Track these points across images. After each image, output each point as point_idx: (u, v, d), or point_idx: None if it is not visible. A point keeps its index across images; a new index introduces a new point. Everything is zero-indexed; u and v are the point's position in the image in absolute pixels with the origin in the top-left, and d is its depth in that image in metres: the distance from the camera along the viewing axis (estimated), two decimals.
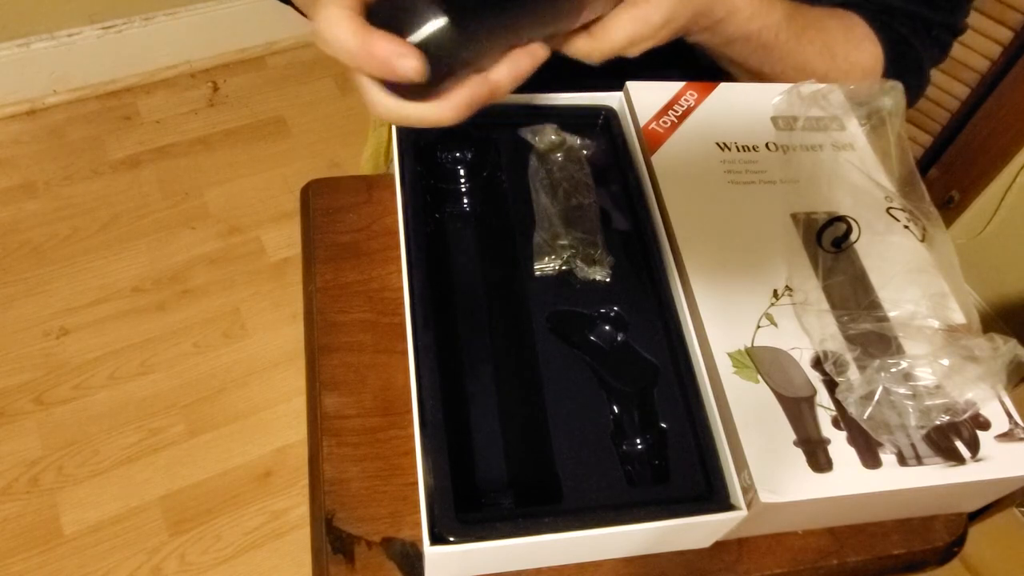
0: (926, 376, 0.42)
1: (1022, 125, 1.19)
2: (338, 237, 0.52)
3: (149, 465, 1.19)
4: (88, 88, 1.58)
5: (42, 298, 1.33)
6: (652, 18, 0.43)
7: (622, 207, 0.50)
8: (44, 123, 1.55)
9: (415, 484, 0.40)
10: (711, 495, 0.39)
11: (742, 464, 0.39)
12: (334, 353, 0.47)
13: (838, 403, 0.42)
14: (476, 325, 0.47)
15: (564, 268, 0.47)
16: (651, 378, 0.43)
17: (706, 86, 0.54)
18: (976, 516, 0.47)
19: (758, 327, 0.44)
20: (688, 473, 0.41)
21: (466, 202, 0.51)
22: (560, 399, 0.42)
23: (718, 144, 0.52)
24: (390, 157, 0.69)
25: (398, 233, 0.47)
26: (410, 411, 0.40)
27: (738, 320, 0.44)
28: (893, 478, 0.40)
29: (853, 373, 0.42)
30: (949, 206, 1.31)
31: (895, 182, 0.51)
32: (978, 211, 1.29)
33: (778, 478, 0.39)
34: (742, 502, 0.39)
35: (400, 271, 0.47)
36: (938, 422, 0.41)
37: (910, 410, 0.41)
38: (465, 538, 0.36)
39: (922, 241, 0.48)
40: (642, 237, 0.48)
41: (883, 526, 0.45)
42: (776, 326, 0.44)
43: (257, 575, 1.12)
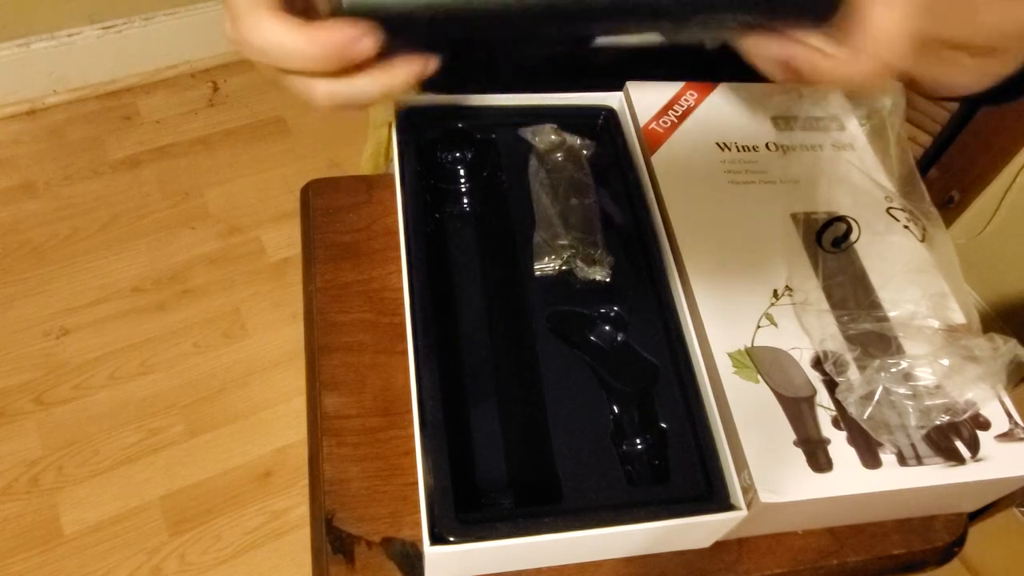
0: (926, 376, 0.42)
1: (1022, 125, 1.19)
2: (338, 237, 0.52)
3: (149, 465, 1.19)
4: (88, 88, 1.58)
5: (42, 298, 1.33)
6: None
7: (622, 207, 0.50)
8: (44, 123, 1.55)
9: (415, 484, 0.40)
10: (711, 495, 0.39)
11: (742, 464, 0.39)
12: (334, 353, 0.47)
13: (838, 403, 0.42)
14: (476, 325, 0.47)
15: (564, 268, 0.47)
16: (651, 378, 0.43)
17: (706, 86, 0.54)
18: (976, 516, 0.47)
19: (758, 327, 0.44)
20: (688, 473, 0.41)
21: (466, 202, 0.51)
22: (560, 399, 0.42)
23: (718, 144, 0.52)
24: (390, 157, 0.69)
25: (398, 233, 0.47)
26: (410, 411, 0.40)
27: (738, 320, 0.44)
28: (893, 478, 0.40)
29: (853, 373, 0.42)
30: (949, 206, 1.31)
31: (895, 182, 0.51)
32: (978, 211, 1.29)
33: (778, 478, 0.39)
34: (742, 502, 0.39)
35: (400, 271, 0.47)
36: (938, 422, 0.41)
37: (910, 410, 0.41)
38: (465, 538, 0.36)
39: (922, 241, 0.48)
40: (642, 237, 0.48)
41: (883, 526, 0.45)
42: (776, 326, 0.44)
43: (257, 575, 1.13)
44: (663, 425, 0.42)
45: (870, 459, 0.40)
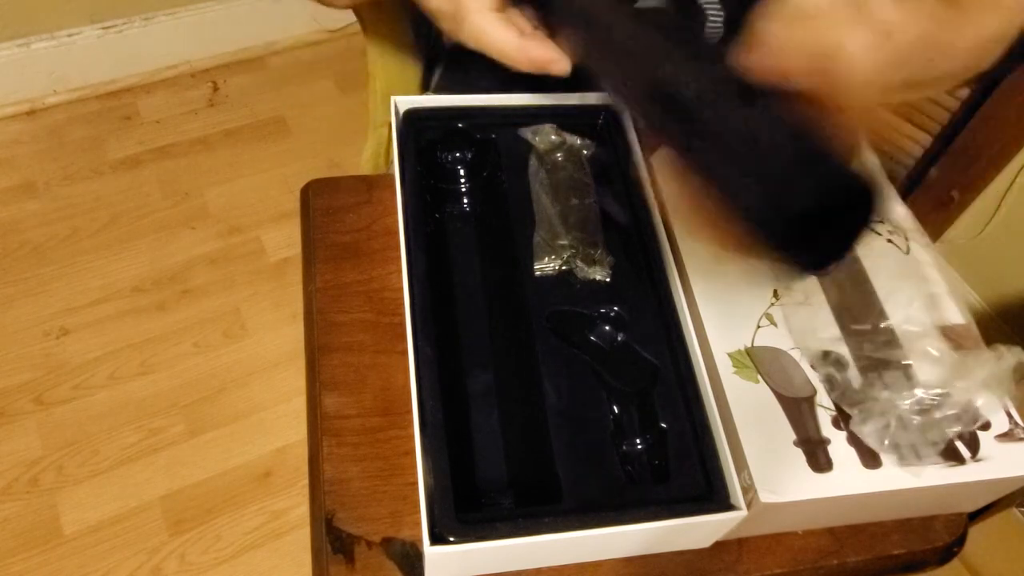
0: (934, 396, 0.41)
1: (1022, 125, 1.19)
2: (338, 237, 0.52)
3: (149, 465, 1.19)
4: (88, 88, 1.58)
5: (42, 298, 1.33)
6: None
7: (622, 207, 0.50)
8: (44, 123, 1.55)
9: (415, 484, 0.40)
10: (711, 495, 0.39)
11: (742, 464, 0.39)
12: (334, 353, 0.47)
13: (838, 403, 0.42)
14: (476, 325, 0.47)
15: (564, 268, 0.47)
16: (651, 378, 0.43)
17: None
18: (976, 516, 0.47)
19: (758, 327, 0.44)
20: (688, 473, 0.41)
21: (466, 202, 0.51)
22: (560, 399, 0.42)
23: None
24: (390, 157, 0.69)
25: (398, 233, 0.47)
26: (410, 411, 0.40)
27: (738, 320, 0.44)
28: (893, 478, 0.40)
29: (852, 372, 0.42)
30: (949, 206, 1.31)
31: None
32: (978, 211, 1.29)
33: (778, 478, 0.39)
34: (742, 502, 0.39)
35: (400, 271, 0.47)
36: (950, 434, 0.41)
37: (923, 429, 0.41)
38: (465, 538, 0.36)
39: (907, 253, 0.48)
40: (642, 237, 0.48)
41: (883, 526, 0.45)
42: (776, 326, 0.44)
43: (257, 575, 1.12)
44: (663, 425, 0.42)
45: (870, 459, 0.40)
